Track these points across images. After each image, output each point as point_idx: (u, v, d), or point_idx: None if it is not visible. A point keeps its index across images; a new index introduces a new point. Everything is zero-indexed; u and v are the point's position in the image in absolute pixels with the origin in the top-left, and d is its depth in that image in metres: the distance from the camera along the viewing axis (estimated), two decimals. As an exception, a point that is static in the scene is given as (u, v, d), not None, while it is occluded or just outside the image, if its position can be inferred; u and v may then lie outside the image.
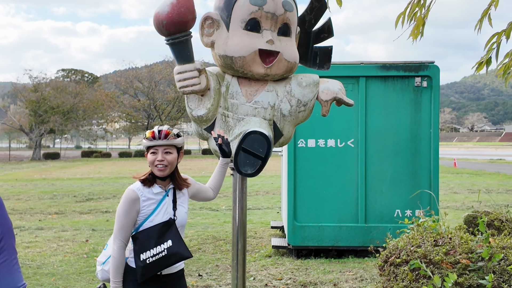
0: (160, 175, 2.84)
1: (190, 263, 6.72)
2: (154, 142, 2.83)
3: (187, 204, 3.02)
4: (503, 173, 22.64)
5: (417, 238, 3.63)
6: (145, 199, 2.80)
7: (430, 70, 6.97)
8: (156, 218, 2.79)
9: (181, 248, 2.78)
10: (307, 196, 7.07)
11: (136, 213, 2.78)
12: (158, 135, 2.84)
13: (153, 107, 51.08)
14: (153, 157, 2.84)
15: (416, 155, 7.04)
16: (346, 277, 5.95)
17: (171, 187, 2.92)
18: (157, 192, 2.85)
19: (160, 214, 2.80)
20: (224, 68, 3.33)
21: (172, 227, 2.80)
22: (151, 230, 2.75)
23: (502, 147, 73.39)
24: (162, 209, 2.82)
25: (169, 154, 2.86)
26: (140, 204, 2.78)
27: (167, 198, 2.87)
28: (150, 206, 2.80)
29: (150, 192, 2.83)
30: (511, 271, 2.96)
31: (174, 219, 2.83)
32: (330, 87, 3.41)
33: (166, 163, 2.82)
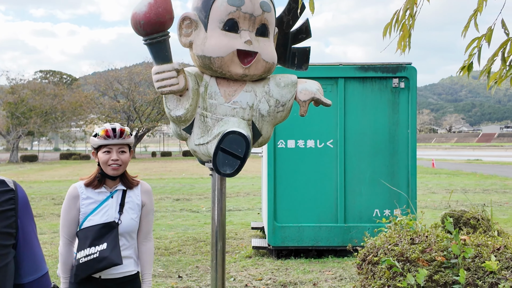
0: (113, 174, 2.80)
1: (170, 265, 6.70)
2: (109, 141, 2.79)
3: (138, 211, 2.91)
4: (480, 173, 23.02)
5: (394, 237, 3.68)
6: (85, 197, 2.77)
7: (407, 71, 7.07)
8: (94, 218, 2.74)
9: (113, 254, 2.69)
10: (287, 197, 7.10)
11: (77, 211, 2.75)
12: (113, 134, 2.79)
13: (133, 109, 50.70)
14: (107, 156, 2.79)
15: (394, 155, 7.13)
16: (325, 277, 6.00)
17: (118, 189, 2.86)
18: (100, 192, 2.81)
19: (99, 215, 2.75)
20: (202, 69, 3.33)
21: (113, 231, 2.73)
22: (89, 230, 2.71)
23: (479, 147, 74.61)
24: (102, 210, 2.77)
25: (124, 153, 2.83)
26: (79, 202, 2.76)
27: (111, 200, 2.82)
28: (89, 206, 2.76)
29: (92, 191, 2.80)
30: (486, 268, 3.02)
31: (118, 222, 2.77)
32: (308, 88, 3.43)
33: (121, 163, 2.80)
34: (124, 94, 50.66)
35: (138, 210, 2.90)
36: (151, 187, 3.13)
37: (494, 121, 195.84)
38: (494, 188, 16.37)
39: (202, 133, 3.34)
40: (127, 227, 2.80)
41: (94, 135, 2.84)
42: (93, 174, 2.86)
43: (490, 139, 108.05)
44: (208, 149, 3.29)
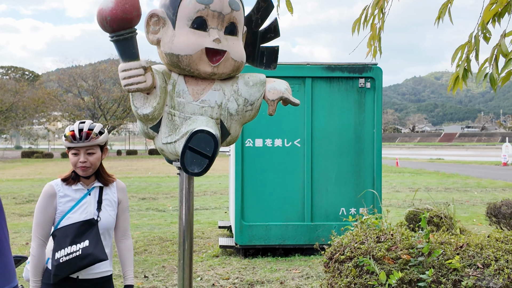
0: (83, 175, 2.77)
1: (135, 265, 6.61)
2: (75, 144, 2.72)
3: (115, 208, 2.89)
4: (442, 172, 23.58)
5: (360, 235, 3.72)
6: (62, 195, 2.72)
7: (373, 72, 7.17)
8: (73, 216, 2.70)
9: (97, 250, 2.66)
10: (255, 195, 7.11)
11: (53, 210, 2.70)
12: (79, 136, 2.72)
13: (98, 106, 49.87)
14: (75, 158, 2.74)
15: (360, 154, 7.22)
16: (292, 275, 6.03)
17: (95, 186, 2.83)
18: (77, 189, 2.77)
19: (77, 212, 2.71)
20: (170, 66, 3.29)
21: (93, 228, 2.70)
22: (69, 228, 2.66)
23: (441, 147, 76.44)
24: (81, 208, 2.73)
25: (92, 154, 2.77)
26: (56, 200, 2.71)
27: (89, 197, 2.78)
28: (67, 204, 2.72)
29: (69, 189, 2.75)
30: (449, 265, 3.09)
31: (97, 219, 2.74)
32: (276, 87, 3.43)
33: (89, 164, 2.74)
34: (88, 91, 49.79)
35: (115, 207, 2.88)
36: None
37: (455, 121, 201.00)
38: (456, 187, 16.79)
39: (169, 132, 3.30)
40: (106, 224, 2.78)
41: (63, 135, 2.79)
42: (70, 172, 2.82)
43: (452, 138, 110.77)
44: (176, 148, 3.26)
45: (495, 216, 6.83)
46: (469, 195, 14.58)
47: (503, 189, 16.05)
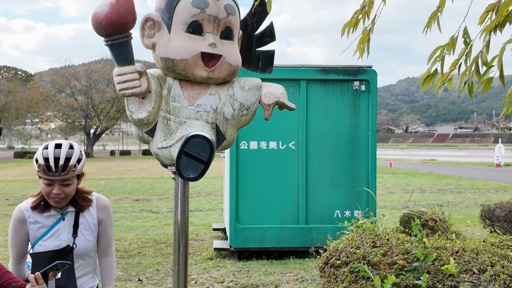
0: (56, 206, 2.55)
1: (129, 268, 6.58)
2: (49, 177, 2.44)
3: (94, 231, 2.69)
4: (436, 173, 23.66)
5: (356, 240, 3.71)
6: (33, 221, 2.53)
7: (368, 74, 7.18)
8: (46, 244, 2.52)
9: (69, 283, 2.53)
10: (249, 198, 7.09)
11: (25, 234, 2.54)
12: (55, 169, 2.42)
13: (91, 107, 49.69)
14: (48, 188, 2.47)
15: (354, 157, 7.22)
16: (287, 278, 6.02)
17: (69, 210, 2.61)
18: (49, 215, 2.56)
19: (50, 240, 2.53)
20: (165, 71, 3.27)
21: (68, 257, 2.52)
22: (42, 256, 2.48)
23: (434, 147, 76.78)
24: (54, 235, 2.54)
25: (68, 186, 2.51)
26: (27, 226, 2.52)
27: (63, 222, 2.58)
28: (39, 230, 2.53)
29: (40, 215, 2.54)
30: (445, 271, 3.08)
31: (73, 247, 2.55)
32: (272, 91, 3.42)
33: (64, 196, 2.51)
34: (82, 91, 49.60)
35: (94, 229, 2.69)
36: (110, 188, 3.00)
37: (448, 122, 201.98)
38: (449, 188, 16.85)
39: (165, 136, 3.28)
40: (83, 249, 2.61)
41: (35, 159, 2.48)
42: (38, 195, 2.58)
43: (445, 139, 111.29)
44: (171, 153, 3.24)
45: (489, 218, 6.86)
46: (463, 197, 14.63)
47: (496, 191, 16.13)
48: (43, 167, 2.41)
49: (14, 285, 2.18)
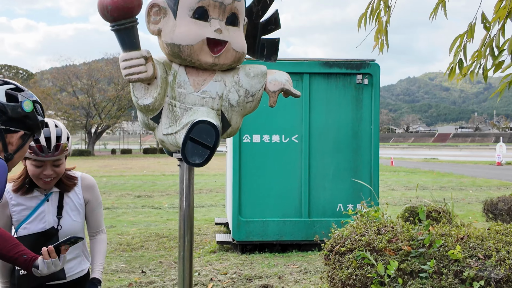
0: (45, 188, 2.47)
1: (132, 260, 6.59)
2: (42, 158, 2.35)
3: (81, 211, 2.59)
4: (437, 171, 23.66)
5: (361, 227, 3.72)
6: (15, 204, 2.45)
7: (371, 68, 7.18)
8: (30, 226, 2.43)
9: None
10: (252, 191, 7.10)
11: (8, 218, 2.45)
12: (48, 149, 2.35)
13: (92, 105, 49.70)
14: (38, 170, 2.38)
15: (357, 151, 7.22)
16: (290, 270, 6.02)
17: (54, 191, 2.52)
18: (33, 197, 2.47)
19: (35, 222, 2.44)
20: (171, 57, 3.27)
21: (53, 239, 2.41)
22: (25, 240, 2.36)
23: (435, 147, 76.73)
24: (38, 217, 2.46)
25: (59, 166, 2.44)
26: (9, 209, 2.44)
27: (47, 204, 2.49)
28: (22, 213, 2.45)
29: (22, 197, 2.46)
30: (451, 256, 3.09)
31: (58, 228, 2.46)
32: (277, 78, 3.41)
33: (55, 175, 2.43)
34: (83, 90, 49.63)
35: (81, 210, 2.59)
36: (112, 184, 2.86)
37: (449, 122, 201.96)
38: (451, 185, 16.85)
39: (170, 123, 3.28)
40: (69, 231, 2.49)
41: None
42: (20, 177, 2.48)
43: (446, 139, 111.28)
44: (177, 139, 3.24)
45: (492, 212, 6.86)
46: (464, 194, 14.63)
47: (497, 188, 16.12)
48: (35, 149, 2.34)
49: (25, 257, 2.17)
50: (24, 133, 1.98)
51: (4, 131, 1.92)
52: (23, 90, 2.07)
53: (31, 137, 2.04)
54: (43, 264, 2.18)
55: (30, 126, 2.01)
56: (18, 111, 1.95)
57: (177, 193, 14.79)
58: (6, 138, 1.93)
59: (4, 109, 1.92)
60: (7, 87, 2.00)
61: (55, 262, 2.20)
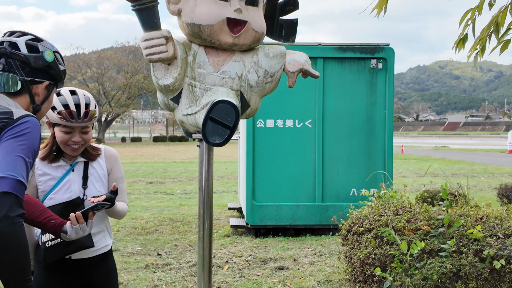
0: (73, 155, 2.48)
1: (148, 243, 6.66)
2: (72, 124, 2.38)
3: (105, 182, 2.59)
4: (448, 158, 23.55)
5: (379, 208, 3.73)
6: (41, 173, 2.45)
7: (385, 52, 7.14)
8: (56, 196, 2.43)
9: (85, 239, 2.38)
10: (266, 176, 7.12)
11: (34, 188, 2.43)
12: (78, 115, 2.39)
13: (103, 93, 49.87)
14: (67, 136, 2.40)
15: (371, 135, 7.21)
16: (305, 253, 6.06)
17: (79, 161, 2.53)
18: (58, 166, 2.47)
19: (60, 192, 2.44)
20: (191, 37, 3.28)
21: (79, 209, 2.37)
22: (52, 210, 2.33)
23: (445, 136, 76.31)
24: (64, 187, 2.45)
25: (87, 132, 2.47)
26: (35, 179, 2.43)
27: (72, 173, 2.49)
28: (48, 182, 2.44)
29: (48, 166, 2.46)
30: (470, 236, 3.10)
31: (83, 198, 2.46)
32: (296, 59, 3.42)
33: (83, 143, 2.46)
34: (93, 78, 49.79)
35: (105, 181, 2.60)
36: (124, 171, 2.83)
37: (459, 110, 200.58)
38: (463, 172, 16.78)
39: (190, 103, 3.30)
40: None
41: (52, 107, 2.39)
42: (47, 145, 2.49)
43: (456, 127, 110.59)
44: (196, 119, 3.26)
45: (506, 197, 6.84)
46: (476, 181, 14.57)
47: (510, 175, 16.03)
48: (65, 114, 2.37)
49: (53, 222, 2.20)
50: (48, 83, 2.02)
51: (30, 83, 1.95)
52: (42, 40, 2.07)
53: (54, 87, 2.08)
54: (71, 229, 2.21)
55: (53, 76, 2.04)
56: (40, 61, 1.97)
57: (188, 179, 14.87)
58: (32, 89, 1.96)
59: (27, 61, 1.94)
60: (27, 37, 2.00)
61: (83, 227, 2.23)
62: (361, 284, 3.43)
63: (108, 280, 2.66)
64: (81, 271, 2.55)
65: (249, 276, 5.18)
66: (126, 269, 5.41)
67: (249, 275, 5.22)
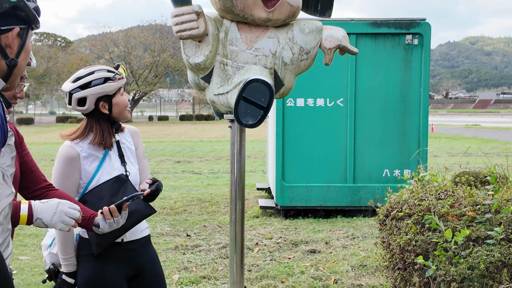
0: (125, 120, 2.54)
1: (177, 224, 6.62)
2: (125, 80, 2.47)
3: (135, 157, 2.59)
4: (480, 137, 22.98)
5: (419, 192, 3.55)
6: (86, 155, 2.38)
7: (421, 28, 6.84)
8: (102, 176, 2.38)
9: (141, 205, 2.35)
10: (296, 156, 6.97)
11: (78, 173, 2.36)
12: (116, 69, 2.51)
13: (130, 72, 50.12)
14: (125, 98, 2.48)
15: (405, 114, 6.97)
16: (337, 236, 5.92)
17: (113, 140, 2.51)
18: (99, 146, 2.43)
19: (105, 172, 2.39)
20: (222, 12, 3.12)
21: (127, 183, 2.38)
22: (101, 189, 2.33)
23: (476, 114, 74.64)
24: (107, 166, 2.42)
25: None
26: (80, 162, 2.37)
27: (111, 152, 2.46)
28: (93, 163, 2.39)
29: (91, 147, 2.40)
30: (519, 222, 2.90)
31: (127, 174, 2.43)
32: (334, 34, 3.24)
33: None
34: (120, 57, 50.04)
35: (135, 156, 2.59)
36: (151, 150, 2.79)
37: (490, 88, 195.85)
38: (496, 152, 16.33)
39: (221, 82, 3.16)
40: (135, 177, 2.49)
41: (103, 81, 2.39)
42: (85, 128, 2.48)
43: (487, 105, 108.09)
44: (228, 99, 3.12)
45: (548, 178, 6.53)
46: (511, 160, 14.13)
47: (546, 155, 15.53)
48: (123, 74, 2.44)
49: (84, 216, 2.09)
50: (20, 29, 1.59)
51: None
52: None
53: (29, 30, 1.64)
54: (104, 222, 2.12)
55: (23, 18, 1.59)
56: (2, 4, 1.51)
57: (215, 159, 14.83)
58: (1, 41, 1.56)
59: None
60: None
61: (117, 220, 2.14)
62: (400, 271, 3.28)
63: (156, 263, 2.60)
64: (135, 257, 2.46)
65: (280, 259, 5.08)
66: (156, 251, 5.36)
67: (280, 258, 5.12)
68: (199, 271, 4.71)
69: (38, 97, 51.52)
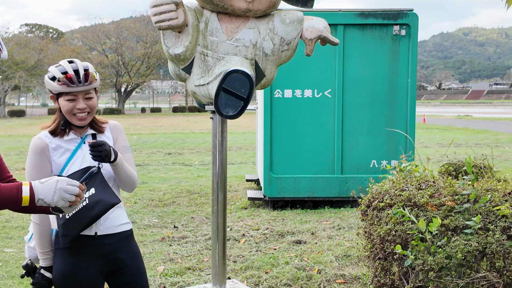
0: (80, 125, 2.40)
1: (165, 216, 6.62)
2: (73, 89, 2.31)
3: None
4: (472, 128, 23.08)
5: (400, 182, 3.57)
6: (54, 147, 2.38)
7: (409, 18, 6.84)
8: (72, 168, 2.36)
9: (106, 195, 2.30)
10: (284, 147, 6.98)
11: (49, 164, 2.36)
12: (78, 80, 2.32)
13: (122, 64, 49.88)
14: (71, 104, 2.33)
15: (393, 105, 6.98)
16: (323, 226, 5.95)
17: (89, 133, 2.47)
18: (69, 140, 2.41)
19: (76, 164, 2.38)
20: (202, 3, 3.11)
21: (97, 175, 2.35)
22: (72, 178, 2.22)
23: (468, 104, 74.91)
24: (78, 159, 2.40)
25: (91, 99, 2.40)
26: (49, 153, 2.36)
27: (84, 145, 2.43)
28: (63, 156, 2.38)
29: (61, 140, 2.40)
30: (497, 212, 2.93)
31: (99, 166, 2.39)
32: (315, 25, 3.23)
33: (89, 110, 2.38)
34: (112, 48, 49.77)
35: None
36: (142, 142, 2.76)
37: (483, 78, 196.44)
38: (486, 142, 16.41)
39: (202, 73, 3.15)
40: (109, 172, 2.44)
41: (51, 78, 2.36)
42: (54, 121, 2.45)
43: (479, 96, 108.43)
44: (209, 90, 3.11)
45: (533, 169, 6.58)
46: (501, 150, 14.23)
47: (535, 145, 15.63)
48: (64, 80, 2.30)
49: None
50: None
51: None
52: None
53: None
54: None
55: None
56: None
57: (207, 150, 14.81)
58: None
59: None
60: None
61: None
62: (380, 261, 3.30)
63: (137, 259, 2.52)
64: (112, 252, 2.41)
65: (265, 250, 5.10)
66: (142, 242, 5.36)
67: (265, 249, 5.13)
68: (185, 262, 4.72)
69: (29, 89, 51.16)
